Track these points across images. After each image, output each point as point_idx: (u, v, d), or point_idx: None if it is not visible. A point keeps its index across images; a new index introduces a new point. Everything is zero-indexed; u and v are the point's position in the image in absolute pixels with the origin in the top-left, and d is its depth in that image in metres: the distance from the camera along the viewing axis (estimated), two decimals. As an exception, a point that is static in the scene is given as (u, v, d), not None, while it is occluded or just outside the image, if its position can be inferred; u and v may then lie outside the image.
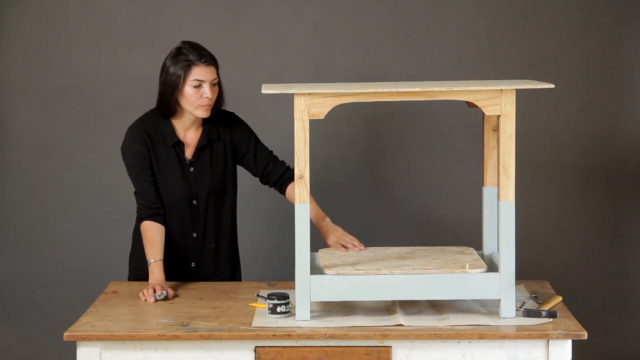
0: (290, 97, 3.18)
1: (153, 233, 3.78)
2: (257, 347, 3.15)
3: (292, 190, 3.88)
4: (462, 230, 4.91)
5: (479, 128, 4.44)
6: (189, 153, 3.86)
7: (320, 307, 3.36)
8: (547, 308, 3.35)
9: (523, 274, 4.07)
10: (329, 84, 3.45)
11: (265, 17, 4.91)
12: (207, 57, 3.77)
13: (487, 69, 4.87)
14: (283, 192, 3.92)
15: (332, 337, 3.13)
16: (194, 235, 3.89)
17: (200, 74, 3.73)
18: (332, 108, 3.19)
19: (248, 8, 4.91)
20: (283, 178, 3.91)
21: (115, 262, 4.87)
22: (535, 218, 4.95)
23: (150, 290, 3.57)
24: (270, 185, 3.95)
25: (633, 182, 4.96)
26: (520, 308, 3.31)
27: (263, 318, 3.27)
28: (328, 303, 3.39)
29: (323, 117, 3.19)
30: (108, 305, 3.48)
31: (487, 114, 3.22)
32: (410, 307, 3.36)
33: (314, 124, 3.44)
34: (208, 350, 3.16)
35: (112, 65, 4.93)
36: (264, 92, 3.21)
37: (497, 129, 3.48)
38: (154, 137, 3.83)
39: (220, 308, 3.42)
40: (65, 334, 3.17)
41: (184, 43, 3.81)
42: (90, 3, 4.92)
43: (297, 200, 3.19)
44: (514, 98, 3.18)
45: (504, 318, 3.22)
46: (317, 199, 3.82)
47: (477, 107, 3.28)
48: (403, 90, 3.17)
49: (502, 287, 3.22)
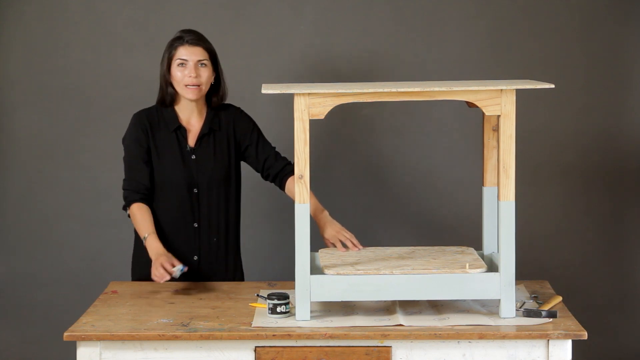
0: (290, 97, 3.18)
1: (142, 211, 3.82)
2: (257, 347, 3.15)
3: (291, 184, 3.89)
4: (462, 230, 4.91)
5: (479, 128, 4.44)
6: (191, 141, 3.90)
7: (320, 307, 3.36)
8: (547, 308, 3.35)
9: (523, 274, 4.07)
10: (329, 84, 3.45)
11: (265, 17, 4.91)
12: (193, 37, 3.87)
13: (487, 69, 4.87)
14: (282, 186, 3.93)
15: (332, 337, 3.13)
16: (195, 226, 3.90)
17: (184, 53, 3.83)
18: (332, 108, 3.19)
19: (248, 8, 4.91)
20: (283, 172, 3.92)
21: (115, 262, 4.87)
22: (535, 218, 4.95)
23: (161, 270, 3.60)
24: (271, 180, 3.96)
25: (633, 182, 4.96)
26: (520, 308, 3.31)
27: (263, 318, 3.27)
28: (328, 303, 3.39)
29: (323, 117, 3.19)
30: (108, 305, 3.48)
31: (487, 114, 3.22)
32: (410, 307, 3.36)
33: (314, 124, 3.44)
34: (208, 350, 3.16)
35: (112, 65, 4.93)
36: (264, 92, 3.21)
37: (497, 129, 3.48)
38: (156, 123, 3.89)
39: (220, 308, 3.42)
40: (65, 334, 3.17)
41: (181, 30, 3.93)
42: (90, 3, 4.92)
43: (297, 200, 3.18)
44: (514, 98, 3.18)
45: (504, 318, 3.22)
46: (317, 199, 3.83)
47: (477, 107, 3.28)
48: (403, 90, 3.17)
49: (502, 287, 3.22)
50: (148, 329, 3.18)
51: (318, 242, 3.71)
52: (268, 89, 3.22)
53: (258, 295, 3.49)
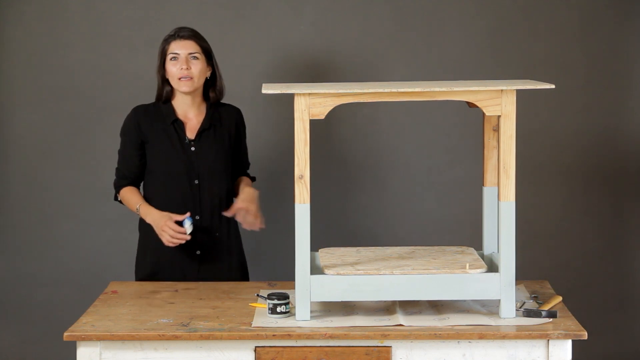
0: (291, 97, 3.18)
1: (131, 191, 3.99)
2: (257, 347, 3.15)
3: (237, 182, 4.09)
4: (462, 230, 4.91)
5: (479, 128, 4.44)
6: (190, 134, 3.98)
7: (320, 307, 3.36)
8: (547, 308, 3.35)
9: (523, 274, 4.07)
10: (329, 84, 3.45)
11: (265, 17, 4.91)
12: (185, 32, 3.97)
13: (487, 69, 4.87)
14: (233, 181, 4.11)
15: (332, 337, 3.13)
16: (197, 218, 3.92)
17: (176, 47, 3.94)
18: (332, 108, 3.19)
19: (248, 8, 4.91)
20: (237, 174, 4.11)
21: (115, 262, 4.87)
22: (536, 218, 4.95)
23: (170, 232, 3.75)
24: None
25: (633, 182, 4.96)
26: (520, 308, 3.31)
27: (263, 318, 3.27)
28: (328, 303, 3.39)
29: (323, 117, 3.19)
30: (108, 305, 3.48)
31: (487, 114, 3.22)
32: (410, 307, 3.36)
33: (314, 124, 3.44)
34: (208, 350, 3.16)
35: (112, 65, 4.93)
36: (264, 92, 3.21)
37: (497, 129, 3.48)
38: (153, 117, 3.98)
39: (220, 308, 3.42)
40: (65, 334, 3.17)
41: (176, 27, 4.03)
42: (90, 3, 4.91)
43: (297, 200, 3.19)
44: (515, 98, 3.18)
45: (504, 318, 3.22)
46: (317, 199, 3.83)
47: (477, 107, 3.28)
48: (403, 90, 3.17)
49: (502, 287, 3.22)
50: (148, 329, 3.18)
51: (318, 242, 3.71)
52: (268, 89, 3.22)
53: (258, 295, 3.49)
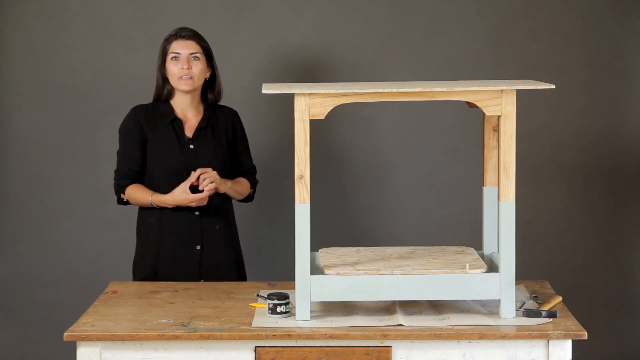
0: (291, 97, 3.18)
1: (138, 187, 3.98)
2: (257, 347, 3.15)
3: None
4: (462, 230, 4.91)
5: (479, 128, 4.44)
6: (189, 132, 4.01)
7: (320, 307, 3.36)
8: (547, 308, 3.35)
9: (523, 274, 4.07)
10: (329, 84, 3.45)
11: (265, 17, 4.91)
12: (186, 32, 3.99)
13: (487, 69, 4.87)
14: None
15: (332, 337, 3.13)
16: (197, 213, 3.94)
17: (177, 47, 3.96)
18: (332, 108, 3.19)
19: (248, 8, 4.91)
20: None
21: (115, 262, 4.87)
22: (536, 218, 4.95)
23: (196, 202, 3.83)
24: None
25: (633, 182, 4.96)
26: (520, 308, 3.31)
27: (263, 318, 3.27)
28: (328, 303, 3.39)
29: (323, 117, 3.19)
30: (108, 305, 3.48)
31: (487, 114, 3.22)
32: (410, 307, 3.36)
33: (314, 124, 3.44)
34: (208, 350, 3.16)
35: (112, 65, 4.93)
36: (264, 92, 3.21)
37: (497, 129, 3.48)
38: (152, 116, 4.00)
39: (220, 308, 3.42)
40: (65, 334, 3.17)
41: (177, 27, 4.06)
42: (90, 3, 4.91)
43: (297, 200, 3.19)
44: (515, 98, 3.18)
45: (504, 318, 3.22)
46: (317, 199, 3.82)
47: (477, 107, 3.28)
48: (403, 91, 3.17)
49: (502, 287, 3.21)
50: (148, 329, 3.18)
51: (318, 242, 3.71)
52: (268, 89, 3.21)
53: (258, 295, 3.49)
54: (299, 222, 3.18)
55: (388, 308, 3.36)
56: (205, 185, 3.86)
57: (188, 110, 4.02)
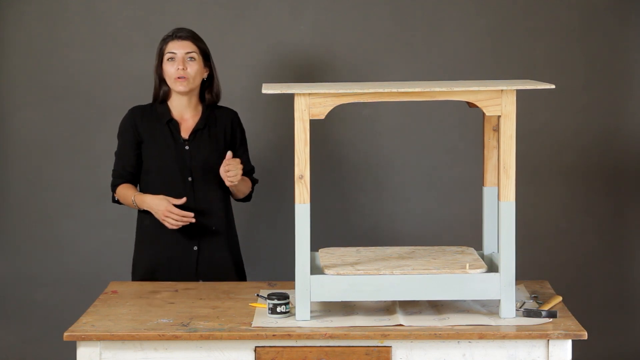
0: (291, 97, 3.18)
1: (127, 187, 4.00)
2: (257, 347, 3.15)
3: None
4: (462, 230, 4.91)
5: (479, 128, 4.44)
6: (185, 134, 4.00)
7: (320, 307, 3.36)
8: (547, 308, 3.35)
9: (523, 274, 4.07)
10: (329, 84, 3.45)
11: (265, 17, 4.91)
12: (181, 32, 4.00)
13: (487, 69, 4.87)
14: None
15: (332, 337, 3.13)
16: (193, 215, 3.93)
17: (173, 47, 3.97)
18: (332, 108, 3.19)
19: (248, 8, 4.91)
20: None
21: (115, 262, 4.87)
22: (536, 218, 4.95)
23: (175, 216, 3.81)
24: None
25: (633, 182, 4.96)
26: (520, 308, 3.31)
27: (263, 318, 3.27)
28: (328, 303, 3.39)
29: (323, 117, 3.19)
30: (108, 305, 3.48)
31: (487, 114, 3.22)
32: (410, 307, 3.36)
33: (314, 124, 3.44)
34: (208, 350, 3.16)
35: (112, 65, 4.93)
36: (264, 92, 3.21)
37: (497, 129, 3.48)
38: (149, 117, 4.01)
39: (220, 308, 3.42)
40: (65, 334, 3.17)
41: (174, 28, 4.06)
42: (90, 3, 4.91)
43: (297, 200, 3.19)
44: (515, 98, 3.18)
45: (504, 318, 3.22)
46: (317, 199, 3.82)
47: (477, 107, 3.28)
48: (403, 91, 3.17)
49: (502, 287, 3.22)
50: (148, 329, 3.18)
51: (318, 242, 3.70)
52: (268, 89, 3.21)
53: (258, 295, 3.49)
54: (299, 222, 3.18)
55: (388, 308, 3.36)
56: (231, 177, 3.84)
57: (185, 111, 4.02)
